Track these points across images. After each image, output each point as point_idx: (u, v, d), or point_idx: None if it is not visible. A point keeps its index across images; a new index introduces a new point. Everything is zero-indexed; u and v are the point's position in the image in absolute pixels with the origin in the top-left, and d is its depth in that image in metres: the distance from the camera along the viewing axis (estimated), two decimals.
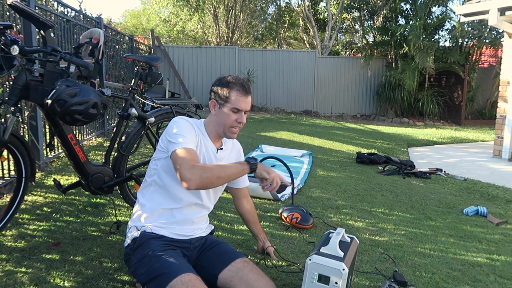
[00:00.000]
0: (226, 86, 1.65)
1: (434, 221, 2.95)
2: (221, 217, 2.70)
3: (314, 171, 4.36)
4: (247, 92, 1.66)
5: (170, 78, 10.79)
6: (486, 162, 5.60)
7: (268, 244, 2.09)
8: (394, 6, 11.68)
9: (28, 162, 2.13)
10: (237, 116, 1.65)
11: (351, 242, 1.75)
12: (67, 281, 1.75)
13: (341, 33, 16.24)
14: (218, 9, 13.91)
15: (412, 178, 4.36)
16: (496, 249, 2.49)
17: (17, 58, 1.91)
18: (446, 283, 1.99)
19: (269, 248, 2.09)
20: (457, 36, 10.77)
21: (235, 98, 1.63)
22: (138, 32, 18.59)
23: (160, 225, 1.63)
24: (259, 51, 11.58)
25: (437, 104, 11.11)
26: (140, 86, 2.59)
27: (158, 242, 1.56)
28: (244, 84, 1.66)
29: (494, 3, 5.62)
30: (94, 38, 2.28)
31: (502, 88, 6.10)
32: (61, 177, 3.39)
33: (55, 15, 4.02)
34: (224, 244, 1.73)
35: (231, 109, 1.64)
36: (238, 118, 1.66)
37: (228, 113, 1.64)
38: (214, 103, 1.68)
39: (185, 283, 1.40)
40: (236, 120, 1.65)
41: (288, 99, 11.71)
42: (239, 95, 1.64)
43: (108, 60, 5.85)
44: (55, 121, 2.10)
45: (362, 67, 11.87)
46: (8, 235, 2.17)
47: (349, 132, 8.22)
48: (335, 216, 2.91)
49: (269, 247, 2.09)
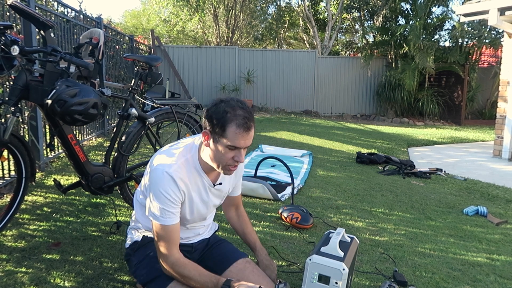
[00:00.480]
0: (222, 117, 1.33)
1: (434, 221, 2.95)
2: (221, 217, 2.71)
3: (314, 171, 4.36)
4: (248, 128, 1.34)
5: (170, 78, 10.79)
6: (486, 162, 5.60)
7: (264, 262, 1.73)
8: (394, 6, 11.68)
9: (28, 162, 2.13)
10: (234, 154, 1.37)
11: (351, 242, 1.75)
12: (67, 281, 1.75)
13: (341, 33, 16.24)
14: (218, 9, 13.91)
15: (412, 178, 4.36)
16: (496, 249, 2.49)
17: (17, 58, 1.91)
18: (446, 283, 1.99)
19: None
20: (457, 36, 10.77)
21: (233, 134, 1.32)
22: (138, 32, 18.59)
23: None
24: (259, 51, 11.59)
25: (437, 104, 11.11)
26: (140, 86, 2.59)
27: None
28: (245, 116, 1.33)
29: (494, 3, 5.61)
30: (94, 38, 2.28)
31: (502, 88, 6.10)
32: (61, 177, 3.39)
33: (55, 15, 4.02)
34: (226, 244, 1.72)
35: (227, 146, 1.34)
36: (236, 156, 1.37)
37: (224, 150, 1.36)
38: (208, 135, 1.38)
39: (185, 285, 1.41)
40: (233, 158, 1.38)
41: (288, 99, 11.71)
42: (239, 131, 1.32)
43: (108, 60, 5.85)
44: (55, 121, 2.10)
45: (362, 67, 11.87)
46: (9, 235, 2.17)
47: (349, 132, 8.22)
48: (335, 216, 2.91)
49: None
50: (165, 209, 1.38)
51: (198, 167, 1.46)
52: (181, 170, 1.41)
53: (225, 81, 11.12)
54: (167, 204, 1.38)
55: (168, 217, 1.39)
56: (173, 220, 1.40)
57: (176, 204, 1.41)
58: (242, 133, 1.33)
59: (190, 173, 1.44)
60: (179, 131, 2.76)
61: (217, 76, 11.16)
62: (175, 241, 1.41)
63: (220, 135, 1.34)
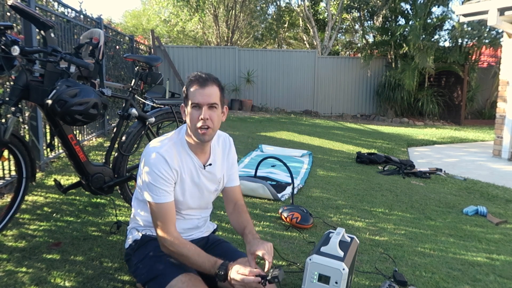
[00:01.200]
0: (187, 82, 1.49)
1: (434, 221, 2.95)
2: (221, 217, 2.71)
3: (314, 171, 4.36)
4: (203, 83, 1.44)
5: (170, 78, 10.79)
6: (486, 162, 5.61)
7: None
8: (394, 6, 11.68)
9: (28, 162, 2.13)
10: (199, 113, 1.44)
11: (351, 242, 1.76)
12: (67, 281, 1.75)
13: (341, 33, 16.24)
14: (218, 9, 13.91)
15: (412, 178, 4.36)
16: (496, 248, 2.50)
17: (18, 59, 1.91)
18: (446, 282, 2.00)
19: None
20: (456, 36, 10.77)
21: (192, 93, 1.45)
22: (138, 33, 18.59)
23: None
24: (259, 51, 11.59)
25: (437, 104, 11.11)
26: (140, 86, 2.59)
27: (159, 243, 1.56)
28: (201, 76, 1.47)
29: (494, 3, 5.62)
30: (94, 39, 2.28)
31: (502, 88, 6.10)
32: (62, 177, 3.40)
33: (56, 16, 4.02)
34: (225, 244, 1.73)
35: (191, 106, 1.45)
36: (201, 116, 1.43)
37: (190, 112, 1.46)
38: (183, 108, 1.53)
39: (185, 282, 1.41)
40: (198, 117, 1.44)
41: (288, 99, 11.71)
42: (195, 87, 1.44)
43: (108, 60, 5.85)
44: (56, 121, 2.10)
45: (362, 67, 11.87)
46: (9, 235, 2.18)
47: (349, 132, 8.23)
48: (335, 216, 2.92)
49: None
50: (159, 187, 1.45)
51: (186, 147, 1.54)
52: (171, 150, 1.49)
53: (225, 81, 11.12)
54: (160, 182, 1.45)
55: (162, 195, 1.46)
56: (166, 198, 1.47)
57: (169, 182, 1.48)
58: (198, 89, 1.44)
59: (179, 152, 1.52)
60: None
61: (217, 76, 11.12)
62: (171, 219, 1.48)
63: (186, 98, 1.48)
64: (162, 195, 1.46)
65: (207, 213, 1.76)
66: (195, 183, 1.58)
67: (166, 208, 1.47)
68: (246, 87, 11.36)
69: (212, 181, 1.63)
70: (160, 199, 1.46)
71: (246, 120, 8.72)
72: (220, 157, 1.66)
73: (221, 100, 1.51)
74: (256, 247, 1.43)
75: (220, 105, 1.50)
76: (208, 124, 1.44)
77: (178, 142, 1.54)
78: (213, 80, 1.49)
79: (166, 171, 1.46)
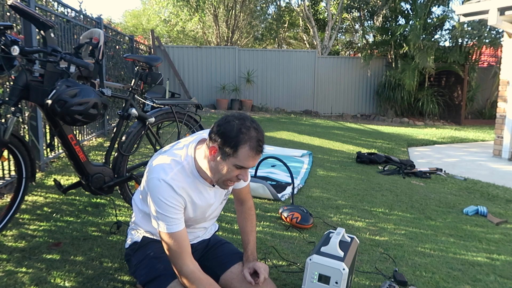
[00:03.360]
0: (236, 136, 1.30)
1: (434, 221, 2.95)
2: (221, 217, 2.71)
3: (314, 171, 4.36)
4: (261, 151, 1.34)
5: (170, 78, 10.79)
6: (486, 161, 5.60)
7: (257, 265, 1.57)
8: (394, 6, 11.67)
9: (28, 162, 2.13)
10: (240, 173, 1.37)
11: (351, 242, 1.76)
12: (67, 281, 1.75)
13: (341, 33, 16.24)
14: (218, 9, 13.91)
15: (412, 178, 4.36)
16: (496, 248, 2.50)
17: (18, 59, 1.91)
18: (446, 282, 1.99)
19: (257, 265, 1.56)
20: (457, 36, 10.77)
21: (245, 156, 1.31)
22: (138, 32, 18.59)
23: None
24: (259, 51, 11.58)
25: (437, 104, 11.10)
26: (140, 86, 2.59)
27: (159, 244, 1.55)
28: (259, 139, 1.33)
29: (494, 3, 5.61)
30: (94, 39, 2.28)
31: (502, 88, 6.10)
32: (62, 177, 3.39)
33: (55, 16, 4.02)
34: (227, 245, 1.72)
35: (235, 164, 1.34)
36: (240, 175, 1.38)
37: (230, 169, 1.35)
38: (215, 150, 1.35)
39: None
40: (237, 176, 1.38)
41: (288, 99, 11.71)
42: (251, 154, 1.32)
43: (108, 60, 5.85)
44: (55, 121, 2.10)
45: (362, 67, 11.87)
46: (9, 235, 2.17)
47: (349, 132, 8.23)
48: (335, 216, 2.92)
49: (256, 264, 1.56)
50: (169, 216, 1.38)
51: (196, 174, 1.46)
52: (178, 177, 1.41)
53: (225, 81, 11.13)
54: (170, 211, 1.38)
55: (174, 224, 1.38)
56: (179, 226, 1.40)
57: (179, 210, 1.41)
58: (254, 156, 1.33)
59: (188, 178, 1.44)
60: (179, 131, 2.76)
61: (217, 76, 11.16)
62: (186, 248, 1.39)
63: (231, 154, 1.32)
64: (174, 224, 1.38)
65: (212, 222, 1.74)
66: (205, 200, 1.53)
67: (179, 236, 1.39)
68: (246, 87, 11.36)
69: (221, 195, 1.62)
70: (172, 228, 1.38)
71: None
72: None
73: None
74: (254, 265, 1.54)
75: None
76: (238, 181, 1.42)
77: (186, 168, 1.44)
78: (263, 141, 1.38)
79: (175, 199, 1.39)
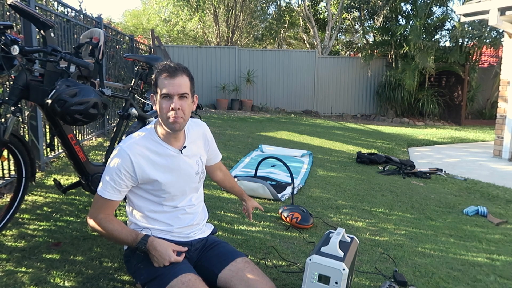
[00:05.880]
0: (155, 73, 1.49)
1: (434, 221, 2.95)
2: (221, 217, 2.71)
3: (314, 171, 4.36)
4: (174, 73, 1.45)
5: None
6: (486, 162, 5.60)
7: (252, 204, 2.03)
8: (394, 6, 11.67)
9: (28, 162, 2.13)
10: (169, 103, 1.45)
11: (351, 242, 1.75)
12: (67, 281, 1.75)
13: (341, 33, 16.23)
14: (218, 9, 13.91)
15: (412, 178, 4.36)
16: (496, 249, 2.49)
17: (17, 58, 1.91)
18: (446, 283, 1.99)
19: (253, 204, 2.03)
20: (457, 36, 10.76)
21: (162, 82, 1.45)
22: (138, 32, 18.60)
23: (159, 233, 1.60)
24: (259, 51, 11.58)
25: (437, 104, 11.10)
26: (140, 86, 2.59)
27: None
28: (170, 65, 1.47)
29: (494, 3, 5.61)
30: (94, 38, 2.28)
31: (502, 88, 6.10)
32: (61, 177, 3.39)
33: (55, 15, 4.02)
34: (224, 244, 1.72)
35: (161, 96, 1.46)
36: (171, 105, 1.45)
37: (161, 102, 1.46)
38: (153, 97, 1.54)
39: (185, 283, 1.41)
40: (169, 107, 1.45)
41: (288, 99, 11.71)
42: (165, 77, 1.45)
43: (108, 60, 5.85)
44: (55, 121, 2.10)
45: (362, 67, 11.87)
46: (9, 235, 2.17)
47: (349, 132, 8.22)
48: (335, 216, 2.91)
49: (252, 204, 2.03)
50: (109, 182, 1.48)
51: (157, 138, 1.55)
52: (138, 142, 1.51)
53: (225, 81, 11.13)
54: (113, 176, 1.48)
55: (107, 191, 1.49)
56: (111, 196, 1.49)
57: (121, 178, 1.48)
58: (168, 79, 1.44)
59: (148, 143, 1.53)
60: None
61: (217, 76, 11.16)
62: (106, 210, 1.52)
63: (155, 88, 1.48)
64: (107, 191, 1.49)
65: (198, 200, 1.72)
66: (173, 169, 1.57)
67: (106, 202, 1.50)
68: (246, 87, 11.36)
69: (191, 164, 1.63)
70: (104, 194, 1.49)
71: (246, 120, 8.71)
72: (195, 138, 1.68)
73: (191, 89, 1.52)
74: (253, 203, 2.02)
75: (191, 94, 1.52)
76: (179, 114, 1.46)
77: (147, 134, 1.55)
78: (183, 70, 1.49)
79: (122, 166, 1.47)
